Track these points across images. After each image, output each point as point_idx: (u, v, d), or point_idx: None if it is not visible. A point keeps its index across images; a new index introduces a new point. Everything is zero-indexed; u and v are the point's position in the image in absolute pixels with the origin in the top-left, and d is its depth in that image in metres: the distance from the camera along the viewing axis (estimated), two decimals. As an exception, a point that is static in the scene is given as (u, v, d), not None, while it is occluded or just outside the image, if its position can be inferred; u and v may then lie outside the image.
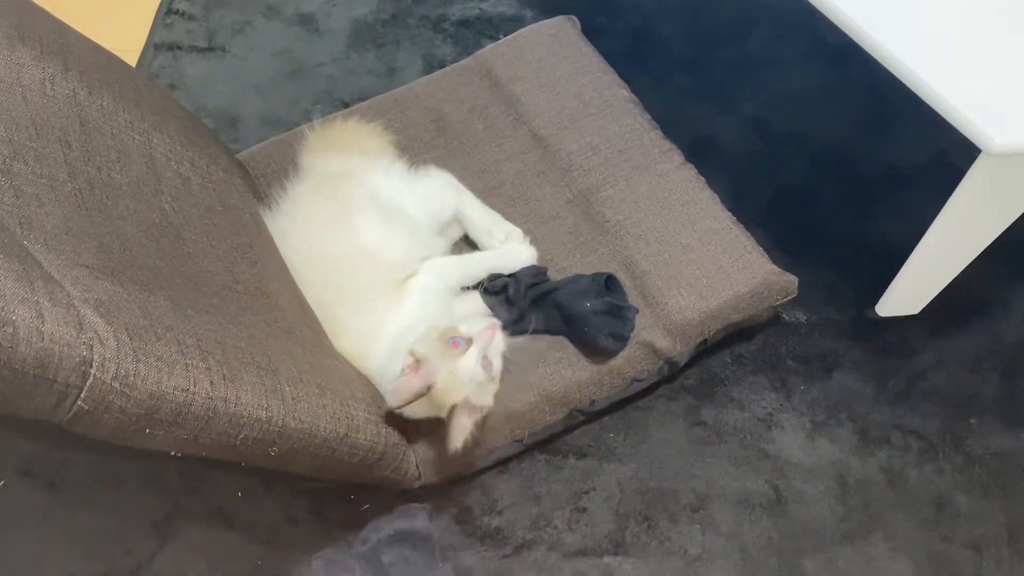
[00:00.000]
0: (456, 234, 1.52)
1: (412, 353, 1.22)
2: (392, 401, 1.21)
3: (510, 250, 1.47)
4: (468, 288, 1.44)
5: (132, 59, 2.08)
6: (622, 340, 1.41)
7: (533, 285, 1.42)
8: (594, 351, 1.41)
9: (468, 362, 1.22)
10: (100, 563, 1.42)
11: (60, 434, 0.83)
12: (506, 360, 1.30)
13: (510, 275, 1.44)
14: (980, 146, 1.21)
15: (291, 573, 1.41)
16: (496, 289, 1.42)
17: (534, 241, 1.51)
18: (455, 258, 1.47)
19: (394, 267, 1.36)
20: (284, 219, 1.41)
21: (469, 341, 1.23)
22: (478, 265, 1.45)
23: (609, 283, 1.42)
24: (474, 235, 1.51)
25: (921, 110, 1.26)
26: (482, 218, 1.51)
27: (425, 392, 1.20)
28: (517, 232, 1.50)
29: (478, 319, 1.27)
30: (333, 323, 1.32)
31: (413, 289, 1.35)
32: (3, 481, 1.49)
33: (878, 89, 1.94)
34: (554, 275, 1.50)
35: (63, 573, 1.41)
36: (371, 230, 1.37)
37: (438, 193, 1.48)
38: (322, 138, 1.54)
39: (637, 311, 1.43)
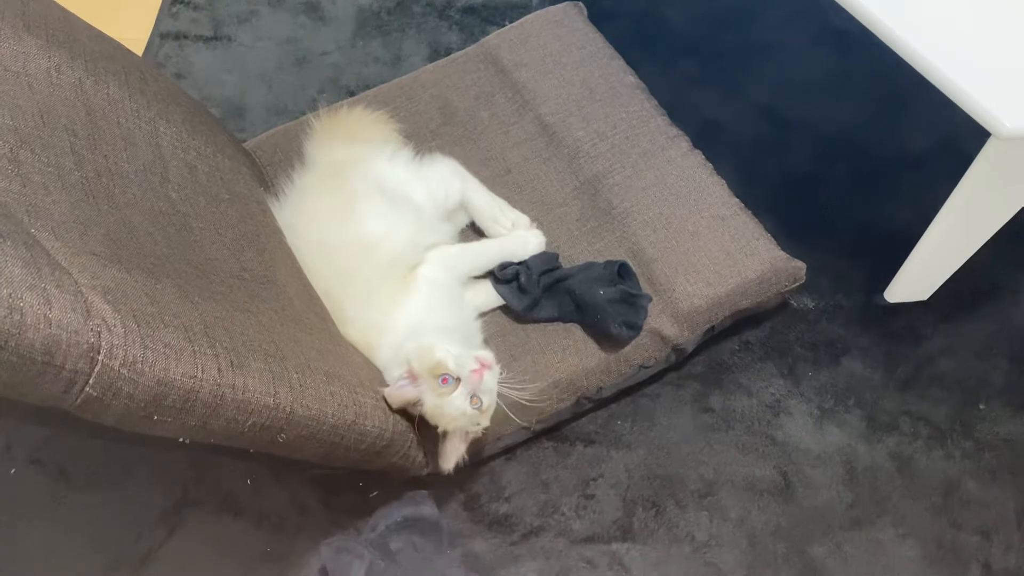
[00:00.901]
0: (463, 221, 1.52)
1: (409, 363, 1.23)
2: (389, 401, 1.22)
3: (519, 237, 1.47)
4: (479, 277, 1.45)
5: (138, 49, 2.08)
6: (635, 328, 1.41)
7: (545, 272, 1.42)
8: (606, 339, 1.41)
9: (456, 402, 1.20)
10: (110, 551, 1.43)
11: (70, 420, 0.84)
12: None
13: (521, 263, 1.44)
14: (989, 130, 1.20)
15: (300, 560, 1.41)
16: (508, 277, 1.42)
17: (541, 228, 1.51)
18: (462, 247, 1.46)
19: (400, 256, 1.36)
20: (291, 209, 1.41)
21: (457, 381, 1.20)
22: (486, 254, 1.45)
23: (622, 270, 1.41)
24: (480, 222, 1.51)
25: (930, 94, 1.25)
26: (488, 205, 1.51)
27: (418, 403, 1.21)
28: (524, 219, 1.50)
29: (468, 357, 1.23)
30: (341, 313, 1.32)
31: (420, 282, 1.35)
32: (14, 469, 1.50)
33: (887, 74, 1.93)
34: (563, 263, 1.49)
35: (74, 560, 1.42)
36: (376, 218, 1.36)
37: (443, 180, 1.48)
38: (327, 127, 1.53)
39: (651, 299, 1.43)
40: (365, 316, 1.32)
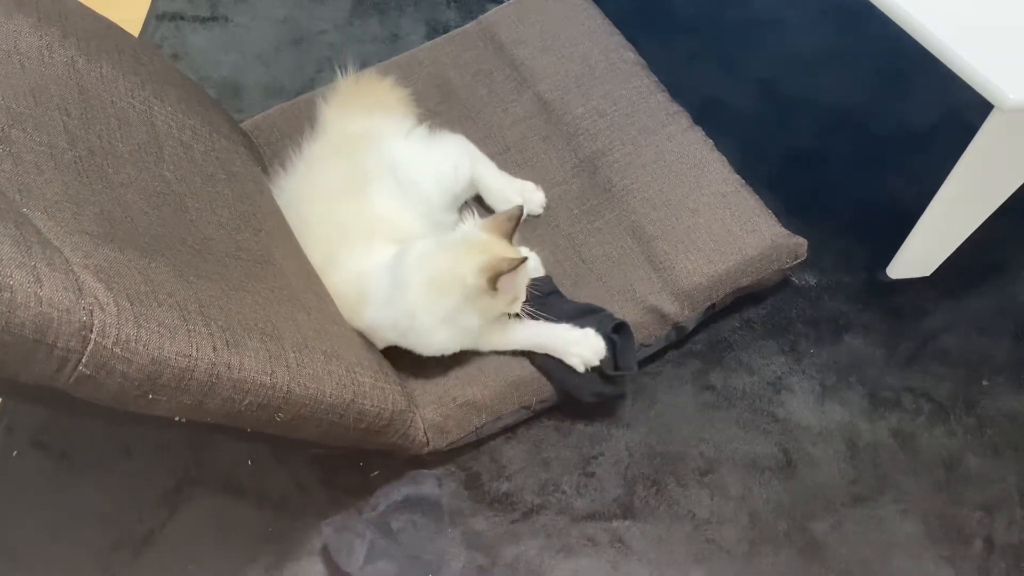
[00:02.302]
0: (465, 196, 1.51)
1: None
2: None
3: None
4: None
5: (135, 29, 2.07)
6: (603, 397, 1.42)
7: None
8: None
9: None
10: (113, 531, 1.44)
11: (66, 400, 0.84)
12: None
13: None
14: (993, 102, 1.19)
15: (301, 539, 1.42)
16: None
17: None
18: None
19: (406, 233, 1.36)
20: (299, 177, 1.41)
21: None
22: None
23: (619, 329, 1.37)
24: (491, 202, 1.51)
25: (933, 68, 1.24)
26: (499, 186, 1.50)
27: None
28: (529, 185, 1.51)
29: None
30: (334, 268, 1.33)
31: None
32: (16, 452, 1.50)
33: (889, 47, 1.91)
34: (562, 243, 1.49)
35: (77, 541, 1.43)
36: (384, 199, 1.36)
37: (453, 159, 1.47)
38: (352, 92, 1.51)
39: (634, 374, 1.42)
40: (354, 264, 1.32)
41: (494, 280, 1.22)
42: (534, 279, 1.41)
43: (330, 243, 1.34)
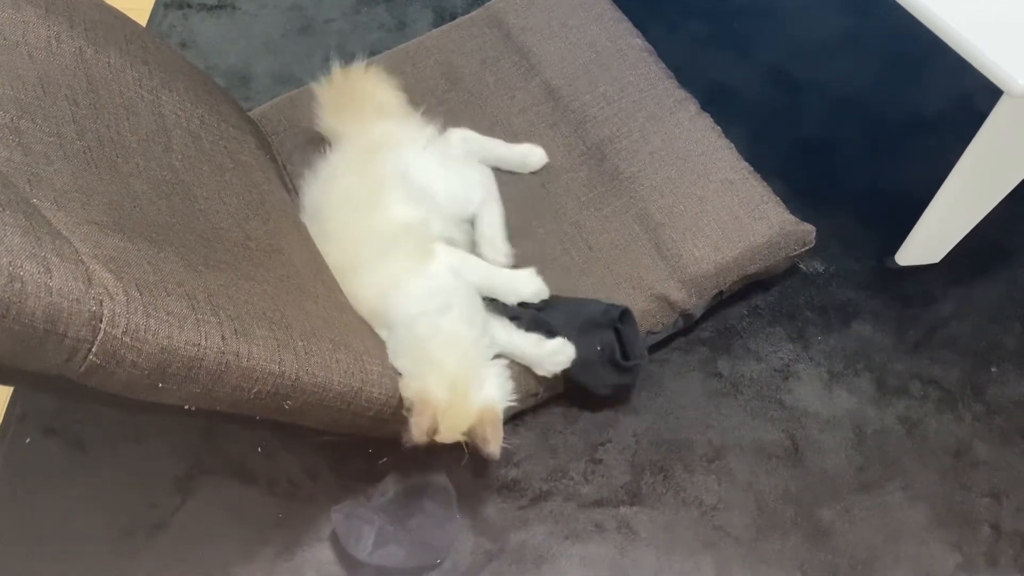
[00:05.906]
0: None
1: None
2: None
3: (521, 277, 1.40)
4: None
5: (142, 18, 2.07)
6: (618, 389, 1.43)
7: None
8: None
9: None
10: (124, 518, 1.45)
11: (77, 389, 0.84)
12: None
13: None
14: (1002, 88, 1.17)
15: (311, 526, 1.43)
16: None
17: (547, 196, 1.50)
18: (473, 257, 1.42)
19: (422, 235, 1.36)
20: (321, 185, 1.42)
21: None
22: (482, 276, 1.39)
23: (624, 317, 1.37)
24: (478, 237, 1.45)
25: (943, 54, 1.23)
26: (494, 232, 1.45)
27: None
28: (508, 258, 1.45)
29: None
30: (354, 270, 1.33)
31: (439, 256, 1.35)
32: (29, 439, 1.52)
33: (898, 33, 1.89)
34: (568, 230, 1.49)
35: (89, 528, 1.44)
36: (398, 207, 1.36)
37: (470, 188, 1.46)
38: (342, 89, 1.51)
39: (647, 362, 1.41)
40: (379, 272, 1.31)
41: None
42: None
43: (355, 247, 1.34)
